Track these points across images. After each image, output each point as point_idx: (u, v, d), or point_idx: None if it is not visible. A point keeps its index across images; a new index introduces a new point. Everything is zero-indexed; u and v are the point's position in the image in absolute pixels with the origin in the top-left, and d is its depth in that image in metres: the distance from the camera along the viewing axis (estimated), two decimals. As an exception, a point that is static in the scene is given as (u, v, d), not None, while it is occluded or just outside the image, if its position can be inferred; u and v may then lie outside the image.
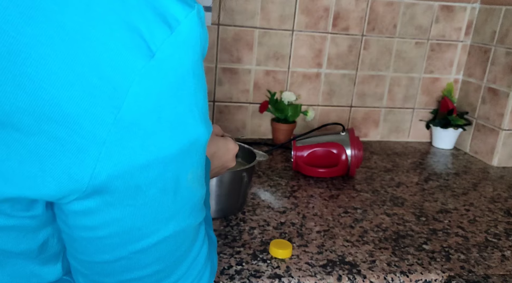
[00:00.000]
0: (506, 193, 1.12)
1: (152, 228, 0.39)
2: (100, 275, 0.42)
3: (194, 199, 0.42)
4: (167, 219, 0.40)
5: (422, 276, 0.74)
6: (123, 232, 0.38)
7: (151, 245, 0.40)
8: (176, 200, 0.40)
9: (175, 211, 0.40)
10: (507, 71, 1.27)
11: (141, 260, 0.40)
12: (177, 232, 0.41)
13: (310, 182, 1.08)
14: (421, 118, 1.49)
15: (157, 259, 0.41)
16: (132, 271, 0.41)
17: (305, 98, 1.39)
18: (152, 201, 0.38)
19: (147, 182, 0.37)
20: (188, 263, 0.45)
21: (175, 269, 0.43)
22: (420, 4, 1.36)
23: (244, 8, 1.27)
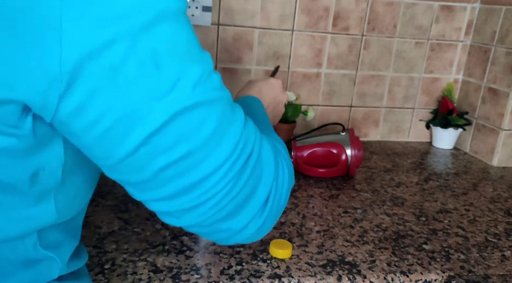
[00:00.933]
0: (506, 193, 1.12)
1: (152, 104, 0.38)
2: (134, 172, 0.42)
3: (192, 75, 0.40)
4: (163, 94, 0.39)
5: (422, 276, 0.74)
6: (124, 116, 0.38)
7: (162, 124, 0.39)
8: (164, 74, 0.38)
9: (168, 86, 0.39)
10: (507, 71, 1.27)
11: (160, 143, 0.40)
12: (185, 109, 0.40)
13: (310, 182, 1.08)
14: (421, 118, 1.49)
15: (179, 138, 0.41)
16: (159, 156, 0.41)
17: (305, 98, 1.39)
18: (136, 77, 0.37)
19: (119, 58, 0.36)
20: (229, 147, 0.44)
21: (211, 151, 0.43)
22: (420, 4, 1.36)
23: (244, 8, 1.27)
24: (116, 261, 0.70)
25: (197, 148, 0.42)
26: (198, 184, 0.43)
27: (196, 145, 0.42)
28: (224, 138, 0.44)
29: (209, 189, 0.44)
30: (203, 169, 0.43)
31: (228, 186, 0.45)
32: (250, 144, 0.47)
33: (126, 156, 0.40)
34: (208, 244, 0.77)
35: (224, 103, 0.44)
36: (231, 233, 0.49)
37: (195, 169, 0.43)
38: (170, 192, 0.44)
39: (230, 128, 0.44)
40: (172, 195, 0.44)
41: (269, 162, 0.49)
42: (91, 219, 0.82)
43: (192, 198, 0.44)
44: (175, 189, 0.43)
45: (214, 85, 0.43)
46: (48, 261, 0.49)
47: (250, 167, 0.46)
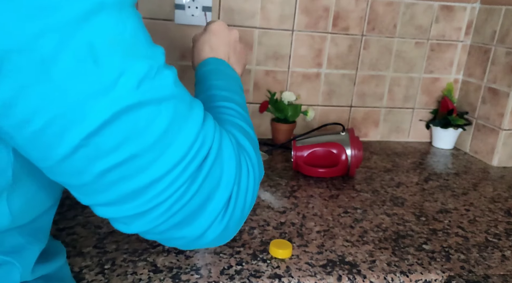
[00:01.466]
0: (506, 193, 1.12)
1: (88, 103, 0.35)
2: (74, 175, 0.39)
3: (136, 71, 0.37)
4: (103, 92, 0.36)
5: (422, 276, 0.74)
6: (58, 115, 0.35)
7: (102, 123, 0.36)
8: (102, 69, 0.35)
9: (109, 82, 0.36)
10: (507, 71, 1.27)
11: (102, 143, 0.37)
12: (128, 107, 0.37)
13: (310, 182, 1.08)
14: (421, 118, 1.49)
15: (123, 139, 0.37)
16: (100, 158, 0.37)
17: (305, 98, 1.39)
18: (71, 73, 0.34)
19: (50, 51, 0.33)
20: (182, 149, 0.41)
21: (161, 153, 0.40)
22: (420, 4, 1.36)
23: (244, 8, 1.27)
24: (116, 261, 0.70)
25: (144, 149, 0.39)
26: (146, 188, 0.40)
27: (143, 147, 0.39)
28: (177, 139, 0.40)
29: (158, 193, 0.41)
30: (152, 172, 0.40)
31: (180, 190, 0.41)
32: (207, 144, 0.43)
33: (63, 158, 0.37)
34: (208, 244, 0.77)
35: (177, 102, 0.41)
36: (188, 240, 0.45)
37: (142, 172, 0.39)
38: (115, 196, 0.40)
39: (184, 129, 0.41)
40: (118, 200, 0.41)
41: (230, 162, 0.46)
42: (91, 219, 0.82)
43: (140, 203, 0.41)
44: (121, 194, 0.40)
45: (165, 82, 0.40)
46: (6, 266, 0.46)
47: (206, 169, 0.43)
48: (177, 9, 1.23)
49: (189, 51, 1.28)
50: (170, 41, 1.25)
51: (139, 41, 0.39)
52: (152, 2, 1.22)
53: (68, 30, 0.34)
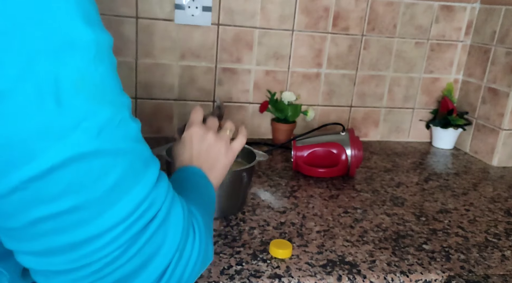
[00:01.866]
0: (506, 193, 1.12)
1: (39, 144, 0.32)
2: (3, 216, 0.35)
3: (99, 117, 0.35)
4: (59, 136, 0.33)
5: (422, 276, 0.74)
6: (3, 151, 0.32)
7: (49, 168, 0.33)
8: (64, 112, 0.33)
9: (68, 126, 0.33)
10: (507, 71, 1.27)
11: (42, 191, 0.34)
12: (82, 155, 0.34)
13: (310, 182, 1.08)
14: (421, 118, 1.49)
15: (67, 190, 0.34)
16: (36, 207, 0.34)
17: (305, 98, 1.39)
18: (28, 106, 0.32)
19: (11, 80, 0.31)
20: (129, 207, 0.38)
21: (105, 209, 0.36)
22: (420, 4, 1.36)
23: (244, 8, 1.27)
24: (116, 261, 0.70)
25: (88, 202, 0.35)
26: (80, 244, 0.36)
27: (88, 199, 0.35)
28: (125, 196, 0.37)
29: (92, 252, 0.37)
30: (91, 228, 0.36)
31: (117, 251, 0.37)
32: (155, 207, 0.40)
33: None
34: (208, 244, 0.77)
35: (134, 157, 0.38)
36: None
37: (80, 227, 0.36)
38: (44, 248, 0.36)
39: (135, 186, 0.38)
40: (45, 252, 0.37)
41: (176, 229, 0.42)
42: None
43: (70, 259, 0.37)
44: (50, 246, 0.36)
45: (126, 134, 0.38)
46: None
47: (149, 233, 0.39)
48: (177, 9, 1.23)
49: (189, 51, 1.28)
50: (170, 41, 1.25)
51: (108, 87, 0.37)
52: (152, 2, 1.22)
53: (34, 60, 0.32)
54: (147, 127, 1.32)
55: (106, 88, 0.36)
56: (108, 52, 0.37)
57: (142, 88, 1.28)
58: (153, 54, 1.26)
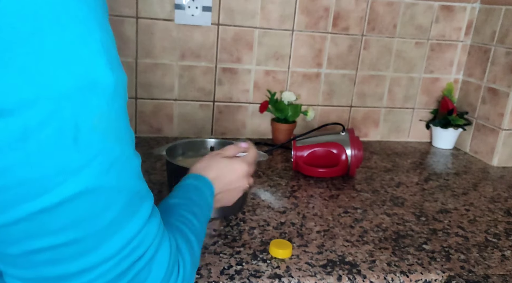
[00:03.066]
0: (506, 193, 1.12)
1: (54, 180, 0.34)
2: (2, 242, 0.36)
3: (110, 154, 0.37)
4: (73, 171, 0.34)
5: (422, 276, 0.74)
6: (15, 185, 0.33)
7: (57, 202, 0.34)
8: (81, 149, 0.34)
9: (82, 163, 0.35)
10: (507, 71, 1.27)
11: (47, 223, 0.34)
12: (91, 190, 0.36)
13: (310, 182, 1.08)
14: (421, 118, 1.49)
15: (70, 223, 0.35)
16: (39, 238, 0.35)
17: (305, 98, 1.39)
18: (48, 145, 0.33)
19: (36, 121, 0.32)
20: (121, 242, 0.39)
21: (101, 243, 0.38)
22: (420, 4, 1.36)
23: (244, 8, 1.27)
24: (116, 261, 0.70)
25: (86, 236, 0.37)
26: (69, 277, 0.37)
27: (87, 233, 0.37)
28: (119, 231, 0.39)
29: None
30: (84, 262, 0.37)
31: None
32: (145, 245, 0.41)
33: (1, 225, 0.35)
34: (208, 244, 0.77)
35: (133, 194, 0.40)
36: None
37: (74, 260, 0.37)
38: (34, 276, 0.37)
39: (129, 222, 0.40)
40: (34, 280, 0.38)
41: (160, 269, 0.44)
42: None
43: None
44: (41, 275, 0.37)
45: (131, 171, 0.40)
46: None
47: (135, 271, 0.41)
48: (177, 9, 1.23)
49: (189, 51, 1.28)
50: (170, 41, 1.25)
51: (120, 124, 0.38)
52: (152, 2, 1.22)
53: (59, 101, 0.33)
54: (147, 127, 1.32)
55: (118, 125, 0.38)
56: (123, 90, 0.39)
57: (142, 88, 1.28)
58: (153, 54, 1.26)
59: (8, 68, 0.31)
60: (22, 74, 0.31)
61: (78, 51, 0.34)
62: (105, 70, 0.36)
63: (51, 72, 0.32)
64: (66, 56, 0.33)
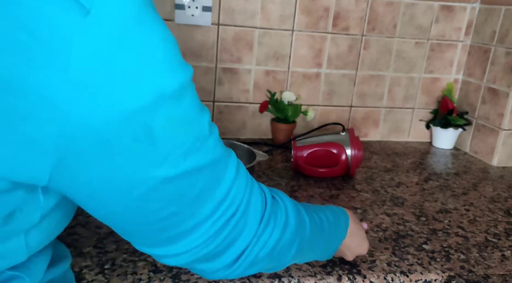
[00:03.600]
0: (506, 193, 1.12)
1: (140, 175, 0.40)
2: (115, 222, 0.45)
3: (183, 145, 0.41)
4: (155, 165, 0.40)
5: (422, 276, 0.74)
6: (113, 183, 0.40)
7: (150, 189, 0.41)
8: (157, 147, 0.39)
9: (161, 157, 0.40)
10: (507, 71, 1.27)
11: (149, 206, 0.42)
12: (175, 177, 0.41)
13: (310, 182, 1.08)
14: (421, 118, 1.49)
15: (168, 200, 0.42)
16: (146, 216, 0.43)
17: (305, 98, 1.39)
18: (128, 150, 0.38)
19: (113, 135, 0.37)
20: (214, 203, 0.45)
21: (197, 209, 0.44)
22: (420, 4, 1.36)
23: (244, 8, 1.27)
24: (116, 261, 0.70)
25: (182, 209, 0.44)
26: (186, 233, 0.46)
27: (182, 206, 0.44)
28: (209, 198, 0.45)
29: (187, 244, 0.46)
30: (185, 226, 0.45)
31: (210, 239, 0.47)
32: (236, 203, 0.47)
33: (111, 213, 0.43)
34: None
35: (215, 165, 0.45)
36: (204, 273, 0.52)
37: (177, 226, 0.45)
38: (148, 242, 0.47)
39: (217, 188, 0.45)
40: (150, 244, 0.47)
41: (254, 220, 0.49)
42: (91, 219, 0.82)
43: (169, 249, 0.47)
44: (153, 241, 0.47)
45: (207, 150, 0.43)
46: (15, 281, 0.46)
47: (231, 225, 0.47)
48: (177, 9, 1.23)
49: (189, 51, 1.28)
50: (170, 41, 1.25)
51: (191, 116, 0.41)
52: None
53: (129, 119, 0.36)
54: (147, 127, 1.32)
55: (189, 117, 0.41)
56: (189, 84, 0.41)
57: (142, 88, 1.28)
58: (153, 54, 1.26)
59: (84, 99, 0.35)
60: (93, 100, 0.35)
61: (142, 71, 0.36)
62: (170, 78, 0.38)
63: (119, 95, 0.36)
64: (132, 78, 0.36)
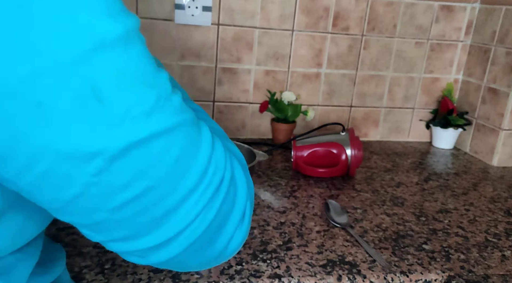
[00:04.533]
0: (506, 193, 1.12)
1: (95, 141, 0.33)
2: (86, 214, 0.37)
3: (142, 102, 0.35)
4: (109, 128, 0.34)
5: (422, 276, 0.74)
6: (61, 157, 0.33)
7: (111, 159, 0.34)
8: (109, 105, 0.33)
9: (117, 118, 0.34)
10: (507, 71, 1.27)
11: (113, 180, 0.35)
12: (141, 141, 0.35)
13: (310, 182, 1.08)
14: (421, 118, 1.49)
15: (136, 174, 0.36)
16: (114, 195, 0.36)
17: (305, 98, 1.39)
18: (72, 114, 0.32)
19: (45, 95, 0.31)
20: (197, 173, 0.39)
21: (177, 181, 0.38)
22: (420, 4, 1.36)
23: (244, 8, 1.27)
24: (116, 261, 0.70)
25: (158, 181, 0.37)
26: (163, 219, 0.38)
27: (157, 179, 0.37)
28: (191, 167, 0.38)
29: (175, 224, 0.39)
30: (168, 203, 0.38)
31: (199, 217, 0.40)
32: (220, 169, 0.41)
33: (73, 198, 0.35)
34: (208, 244, 0.77)
35: (187, 127, 0.39)
36: (208, 260, 0.45)
37: (158, 204, 0.38)
38: (132, 231, 0.39)
39: (196, 155, 0.39)
40: (135, 234, 0.39)
41: (242, 184, 0.44)
42: (91, 219, 0.82)
43: (158, 235, 0.39)
44: (137, 227, 0.38)
45: (173, 109, 0.37)
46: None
47: (222, 194, 0.41)
48: (177, 9, 1.23)
49: (189, 51, 1.28)
50: (170, 41, 1.25)
51: (145, 70, 0.36)
52: (152, 2, 1.22)
53: (65, 71, 0.31)
54: (147, 127, 1.32)
55: (143, 71, 0.36)
56: (137, 34, 0.36)
57: (142, 88, 1.28)
58: (153, 54, 1.26)
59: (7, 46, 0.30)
60: (14, 53, 0.30)
61: (72, 13, 0.32)
62: (110, 24, 0.33)
63: (49, 41, 0.31)
64: (61, 23, 0.31)
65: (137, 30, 0.37)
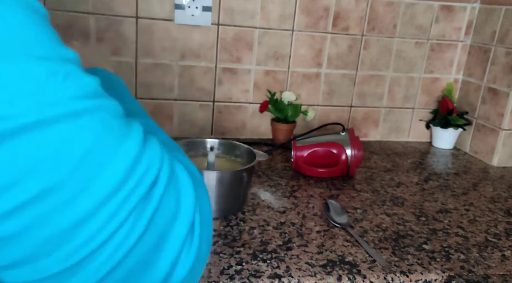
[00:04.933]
0: (506, 193, 1.12)
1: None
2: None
3: (28, 77, 0.27)
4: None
5: (422, 276, 0.74)
6: None
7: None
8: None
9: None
10: (507, 71, 1.27)
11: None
12: (23, 128, 0.27)
13: (310, 182, 1.08)
14: (421, 118, 1.49)
15: (26, 171, 0.27)
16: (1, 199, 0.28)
17: (305, 98, 1.39)
18: None
19: None
20: (118, 172, 0.31)
21: (85, 184, 0.29)
22: (420, 4, 1.36)
23: (244, 8, 1.27)
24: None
25: (59, 183, 0.28)
26: (69, 233, 0.28)
27: (56, 178, 0.28)
28: (109, 164, 0.30)
29: (89, 238, 0.29)
30: (75, 212, 0.28)
31: (123, 228, 0.30)
32: (154, 168, 0.33)
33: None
34: (208, 244, 0.77)
35: (104, 116, 0.30)
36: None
37: (60, 214, 0.28)
38: (24, 252, 0.28)
39: (117, 151, 0.30)
40: (29, 257, 0.28)
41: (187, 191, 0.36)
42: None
43: (64, 255, 0.29)
44: (32, 247, 0.28)
45: (81, 90, 0.30)
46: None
47: (155, 200, 0.32)
48: (177, 9, 1.23)
49: (189, 51, 1.28)
50: (170, 41, 1.25)
51: (32, 40, 0.28)
52: (152, 2, 1.22)
53: None
54: (147, 127, 1.32)
55: (29, 41, 0.28)
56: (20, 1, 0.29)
57: (142, 88, 1.28)
58: (153, 54, 1.26)
59: None
60: None
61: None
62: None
63: None
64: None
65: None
